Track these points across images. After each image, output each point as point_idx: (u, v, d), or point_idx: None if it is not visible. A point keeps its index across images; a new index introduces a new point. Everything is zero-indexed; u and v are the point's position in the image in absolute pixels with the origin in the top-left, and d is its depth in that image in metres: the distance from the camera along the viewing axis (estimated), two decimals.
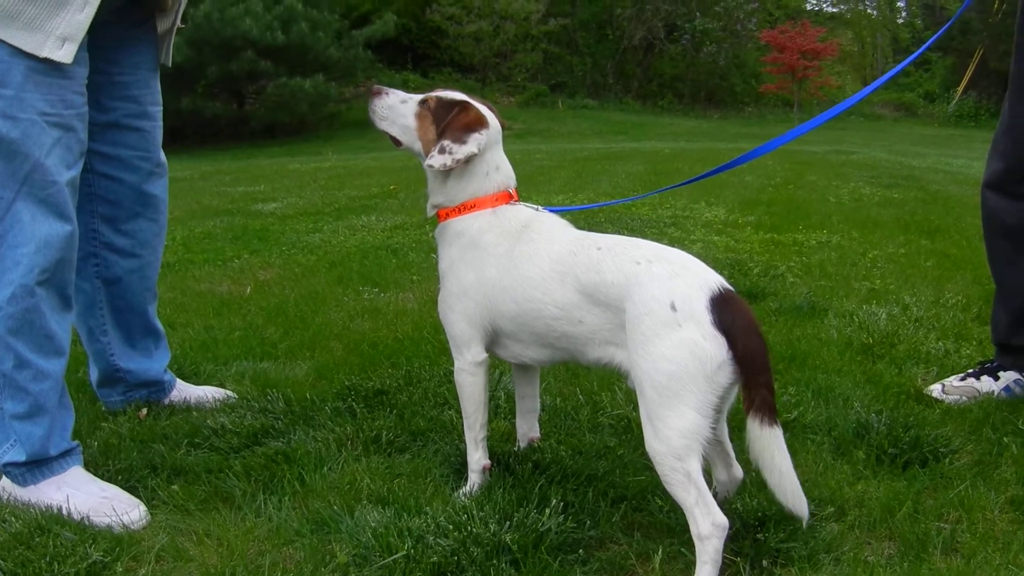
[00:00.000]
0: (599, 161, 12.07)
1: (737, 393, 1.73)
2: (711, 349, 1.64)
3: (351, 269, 4.73)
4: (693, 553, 1.67)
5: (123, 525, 1.95)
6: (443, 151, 1.95)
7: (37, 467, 2.08)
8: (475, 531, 1.78)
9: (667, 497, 1.76)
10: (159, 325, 2.69)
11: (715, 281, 1.71)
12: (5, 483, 2.12)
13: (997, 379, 2.71)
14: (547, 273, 1.87)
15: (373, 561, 1.75)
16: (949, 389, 2.70)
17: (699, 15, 27.98)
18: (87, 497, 2.03)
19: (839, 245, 5.36)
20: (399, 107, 2.07)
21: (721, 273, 1.77)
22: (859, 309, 3.69)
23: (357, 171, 11.40)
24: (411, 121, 2.05)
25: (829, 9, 34.46)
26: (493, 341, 2.02)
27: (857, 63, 31.72)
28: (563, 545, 1.81)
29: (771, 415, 1.63)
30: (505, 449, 2.24)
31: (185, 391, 2.74)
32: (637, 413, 1.76)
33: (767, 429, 1.63)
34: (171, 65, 2.49)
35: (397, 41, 24.00)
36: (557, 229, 1.96)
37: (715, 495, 1.79)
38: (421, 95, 2.08)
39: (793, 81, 26.02)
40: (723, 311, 1.66)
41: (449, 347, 2.07)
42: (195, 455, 2.31)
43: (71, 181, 2.06)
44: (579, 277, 1.83)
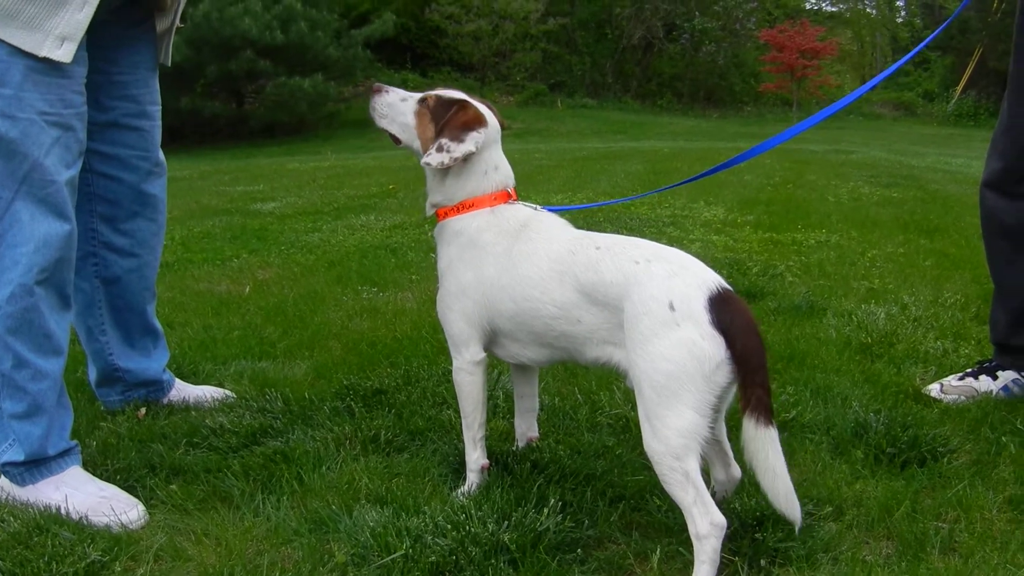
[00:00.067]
0: (598, 160, 12.07)
1: (735, 393, 1.73)
2: (709, 348, 1.64)
3: (350, 268, 4.73)
4: (691, 552, 1.67)
5: (121, 525, 1.95)
6: (441, 149, 1.95)
7: (35, 467, 2.08)
8: (473, 530, 1.78)
9: (665, 496, 1.76)
10: (158, 324, 2.69)
11: (714, 280, 1.71)
12: (3, 483, 2.11)
13: (995, 379, 2.71)
14: (546, 272, 1.87)
15: (371, 561, 1.75)
16: (947, 388, 2.70)
17: (698, 14, 27.97)
18: (85, 497, 2.03)
19: (838, 244, 5.36)
20: (399, 105, 2.07)
21: (720, 272, 1.77)
22: (858, 308, 3.69)
23: (356, 171, 11.39)
24: (410, 119, 2.06)
25: (828, 8, 34.53)
26: (491, 341, 2.02)
27: (856, 62, 31.73)
28: (561, 544, 1.81)
29: (767, 415, 1.63)
30: (503, 448, 2.25)
31: (184, 391, 2.74)
32: (635, 413, 1.76)
33: (762, 429, 1.63)
34: (170, 64, 2.49)
35: (396, 40, 24.00)
36: (556, 228, 1.96)
37: (713, 495, 1.78)
38: (421, 93, 2.08)
39: (792, 80, 26.05)
40: (722, 310, 1.66)
41: (448, 346, 2.07)
42: (194, 455, 2.31)
43: (70, 180, 2.06)
44: (578, 276, 1.83)
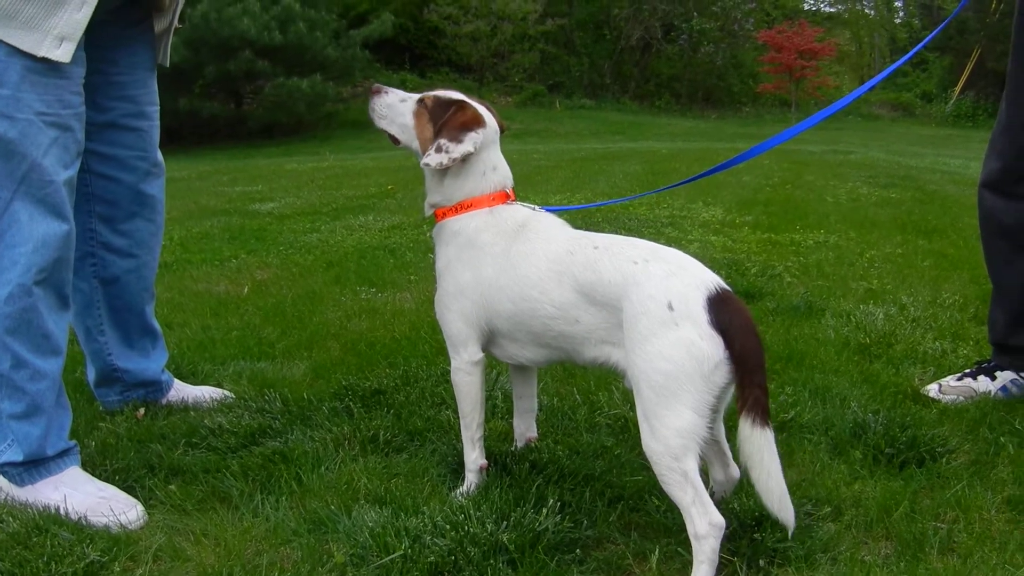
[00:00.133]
0: (596, 161, 12.07)
1: (733, 393, 1.73)
2: (708, 348, 1.64)
3: (348, 269, 4.73)
4: (690, 553, 1.67)
5: (120, 525, 1.95)
6: (439, 150, 1.95)
7: (34, 467, 2.08)
8: (472, 531, 1.78)
9: (664, 497, 1.76)
10: (156, 325, 2.69)
11: (712, 281, 1.71)
12: (2, 483, 2.11)
13: (994, 379, 2.72)
14: (544, 272, 1.87)
15: (370, 561, 1.75)
16: (946, 389, 2.71)
17: (696, 15, 27.97)
18: (84, 497, 2.03)
19: (836, 245, 5.37)
20: (398, 106, 2.08)
21: (718, 273, 1.77)
22: (856, 309, 3.69)
23: (355, 171, 11.39)
24: (409, 120, 2.06)
25: (826, 9, 34.55)
26: (489, 341, 2.02)
27: (855, 63, 31.76)
28: (560, 545, 1.81)
29: (763, 416, 1.63)
30: (502, 449, 2.24)
31: (182, 391, 2.74)
32: (634, 413, 1.76)
33: (758, 430, 1.62)
34: (168, 65, 2.49)
35: (394, 41, 24.00)
36: (554, 228, 1.96)
37: (712, 495, 1.79)
38: (420, 94, 2.08)
39: (791, 81, 26.07)
40: (720, 310, 1.66)
41: (446, 347, 2.07)
42: (192, 455, 2.30)
43: (68, 181, 2.06)
44: (576, 276, 1.83)
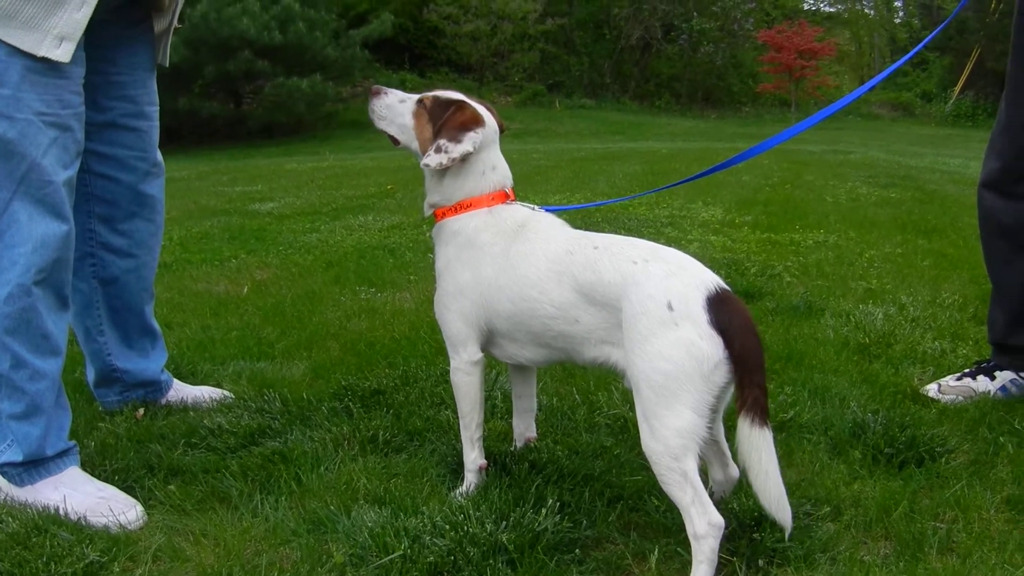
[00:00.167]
0: (596, 161, 12.08)
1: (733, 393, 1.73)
2: (708, 348, 1.64)
3: (348, 269, 4.73)
4: (689, 553, 1.67)
5: (120, 525, 1.95)
6: (439, 150, 1.95)
7: (34, 467, 2.08)
8: (471, 531, 1.78)
9: (663, 497, 1.76)
10: (156, 325, 2.69)
11: (712, 280, 1.71)
12: (2, 483, 2.11)
13: (993, 379, 2.72)
14: (544, 272, 1.87)
15: (370, 561, 1.75)
16: (945, 389, 2.71)
17: (696, 15, 27.99)
18: (84, 497, 2.03)
19: (836, 245, 5.37)
20: (397, 106, 2.08)
21: (718, 273, 1.77)
22: (856, 309, 3.69)
23: (354, 171, 11.39)
24: (408, 120, 2.06)
25: (826, 9, 34.55)
26: (489, 341, 2.02)
27: (854, 63, 31.77)
28: (559, 545, 1.81)
29: (762, 416, 1.62)
30: (502, 449, 2.24)
31: (182, 391, 2.74)
32: (633, 413, 1.76)
33: (757, 430, 1.62)
34: (168, 65, 2.49)
35: (394, 41, 24.00)
36: (554, 228, 1.96)
37: (711, 495, 1.79)
38: (419, 95, 2.08)
39: (790, 81, 26.08)
40: (720, 310, 1.66)
41: (445, 347, 2.07)
42: (192, 455, 2.30)
43: (68, 181, 2.06)
44: (576, 276, 1.83)
